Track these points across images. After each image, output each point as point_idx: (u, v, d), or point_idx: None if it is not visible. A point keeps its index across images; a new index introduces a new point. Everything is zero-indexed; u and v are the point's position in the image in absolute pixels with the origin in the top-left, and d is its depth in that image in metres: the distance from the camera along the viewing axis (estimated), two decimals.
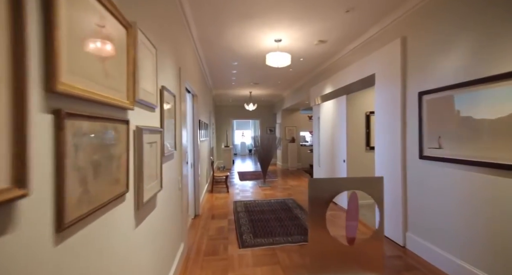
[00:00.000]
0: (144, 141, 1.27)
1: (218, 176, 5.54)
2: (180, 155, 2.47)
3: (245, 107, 7.95)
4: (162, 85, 1.73)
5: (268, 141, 6.06)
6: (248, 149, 15.07)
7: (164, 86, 1.75)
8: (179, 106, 2.42)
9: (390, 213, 2.85)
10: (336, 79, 4.28)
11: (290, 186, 6.01)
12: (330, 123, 4.56)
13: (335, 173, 4.40)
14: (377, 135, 3.13)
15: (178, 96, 2.39)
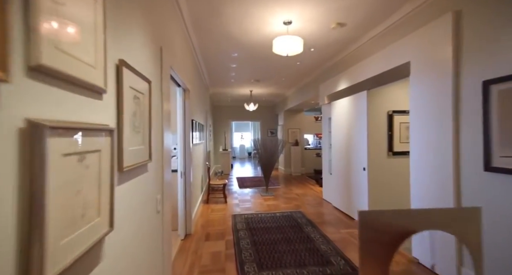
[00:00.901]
0: (55, 150, 0.62)
1: (215, 184, 4.87)
2: (161, 165, 1.81)
3: (245, 107, 7.32)
4: (121, 59, 1.09)
5: (271, 145, 5.41)
6: (248, 152, 14.42)
7: (125, 62, 1.11)
8: (159, 98, 1.78)
9: (437, 241, 2.20)
10: (353, 72, 3.66)
11: (295, 195, 5.35)
12: (345, 124, 3.93)
13: (351, 183, 3.75)
14: (413, 139, 2.50)
15: (158, 84, 1.75)
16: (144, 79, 1.40)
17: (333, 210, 4.21)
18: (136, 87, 1.28)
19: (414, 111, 2.48)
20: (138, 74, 1.31)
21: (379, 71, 3.01)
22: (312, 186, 6.35)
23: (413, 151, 2.50)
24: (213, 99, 8.86)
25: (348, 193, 3.83)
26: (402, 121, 3.66)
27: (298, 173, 8.17)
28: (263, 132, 10.20)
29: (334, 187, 4.37)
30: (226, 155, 8.41)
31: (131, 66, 1.19)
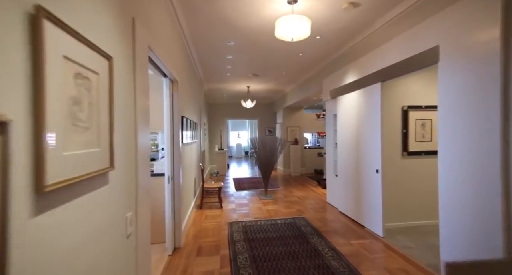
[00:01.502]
0: None
1: (210, 187, 4.44)
2: (133, 171, 1.38)
3: (242, 104, 6.88)
4: (40, 5, 0.65)
5: (271, 144, 4.99)
6: (245, 151, 14.00)
7: (48, 12, 0.67)
8: (130, 83, 1.34)
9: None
10: (364, 63, 3.26)
11: (297, 198, 4.95)
12: (354, 121, 3.53)
13: (360, 187, 3.36)
14: (442, 137, 2.11)
15: (128, 65, 1.31)
16: (99, 52, 0.97)
17: (339, 216, 3.83)
18: (82, 61, 0.85)
19: (444, 104, 2.08)
20: (86, 42, 0.87)
21: (396, 60, 2.61)
22: (314, 187, 5.96)
23: (442, 152, 2.12)
24: (208, 96, 8.41)
25: (357, 198, 3.44)
26: (418, 117, 3.28)
27: (297, 174, 7.79)
28: (260, 131, 9.78)
29: (340, 190, 3.98)
30: (222, 155, 7.98)
31: (67, 25, 0.76)
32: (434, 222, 3.33)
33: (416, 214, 3.31)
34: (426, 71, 3.29)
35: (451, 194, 2.03)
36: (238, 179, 7.15)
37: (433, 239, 2.87)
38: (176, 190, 2.83)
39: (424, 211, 3.31)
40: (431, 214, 3.33)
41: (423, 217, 3.31)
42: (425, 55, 2.25)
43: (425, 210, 3.31)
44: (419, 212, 3.31)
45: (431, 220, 3.32)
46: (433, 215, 3.34)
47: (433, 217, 3.33)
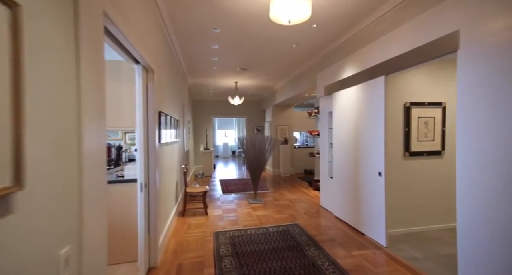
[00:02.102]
0: None
1: (194, 192, 4.00)
2: (76, 185, 0.96)
3: (230, 101, 6.46)
4: None
5: (261, 143, 4.63)
6: (232, 150, 13.56)
7: None
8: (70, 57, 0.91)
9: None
10: (364, 55, 2.97)
11: (288, 202, 4.63)
12: (352, 118, 3.24)
13: (360, 190, 3.08)
14: (461, 138, 1.84)
15: (66, 30, 0.88)
16: None
17: (335, 222, 3.54)
18: None
19: (464, 99, 1.81)
20: None
21: (404, 49, 2.33)
22: (305, 189, 5.68)
23: (461, 155, 1.84)
24: (193, 92, 7.89)
25: (356, 203, 3.16)
26: (420, 115, 3.05)
27: (287, 174, 7.50)
28: (248, 129, 9.40)
29: (335, 193, 3.70)
30: (207, 154, 7.51)
31: None
32: (436, 227, 3.12)
33: (417, 220, 3.08)
34: (428, 66, 3.06)
35: (471, 205, 1.76)
36: (225, 180, 6.73)
37: (439, 248, 2.64)
38: (152, 199, 2.39)
39: (425, 216, 3.10)
40: (432, 219, 3.12)
41: (424, 222, 3.09)
42: (441, 43, 1.98)
43: (427, 215, 3.10)
44: (420, 217, 3.09)
45: (432, 225, 3.11)
46: (435, 220, 3.14)
47: (435, 222, 3.13)
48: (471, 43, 1.75)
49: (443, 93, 3.11)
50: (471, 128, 1.76)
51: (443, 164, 3.13)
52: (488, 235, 1.65)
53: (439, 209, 3.12)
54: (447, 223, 3.15)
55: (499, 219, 1.59)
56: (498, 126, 1.59)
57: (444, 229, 3.12)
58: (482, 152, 1.69)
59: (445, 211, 3.14)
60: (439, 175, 3.12)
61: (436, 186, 3.12)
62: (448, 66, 3.12)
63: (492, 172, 1.62)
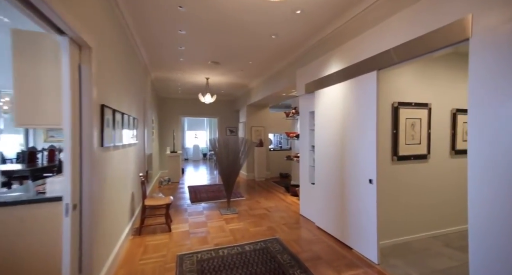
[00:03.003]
0: None
1: (154, 205, 3.32)
2: None
3: (200, 99, 5.83)
4: None
5: (235, 146, 4.12)
6: (203, 153, 12.77)
7: None
8: None
9: None
10: (355, 46, 2.67)
11: (265, 211, 4.19)
12: (338, 118, 2.93)
13: (346, 199, 2.76)
14: (473, 139, 1.57)
15: None
16: None
17: (318, 234, 3.19)
18: None
19: (477, 94, 1.54)
20: None
21: (402, 40, 2.05)
22: (282, 195, 5.31)
23: (473, 159, 1.57)
24: (158, 89, 7.06)
25: (342, 213, 2.84)
26: (408, 116, 2.85)
27: (262, 178, 7.08)
28: (221, 131, 8.80)
29: (317, 201, 3.36)
30: (175, 158, 6.74)
31: None
32: (421, 236, 2.94)
33: (403, 229, 2.87)
34: (415, 64, 2.88)
35: (486, 218, 1.49)
36: (194, 187, 6.06)
37: (433, 261, 2.41)
38: (86, 223, 1.74)
39: (411, 225, 2.89)
40: (418, 227, 2.93)
41: (410, 231, 2.89)
42: (448, 31, 1.71)
43: (412, 224, 2.90)
44: (406, 227, 2.88)
45: (418, 234, 2.92)
46: (420, 229, 2.95)
47: (420, 231, 2.94)
48: (485, 30, 1.49)
49: (429, 94, 2.97)
50: (484, 127, 1.49)
51: (429, 168, 2.97)
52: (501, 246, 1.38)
53: (425, 216, 2.95)
54: (433, 230, 2.99)
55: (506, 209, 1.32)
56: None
57: (430, 237, 2.95)
58: (496, 155, 1.43)
59: (430, 219, 2.98)
60: (425, 180, 2.95)
61: (422, 192, 2.94)
62: (433, 65, 2.98)
63: (509, 179, 1.36)
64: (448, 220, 3.08)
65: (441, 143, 3.04)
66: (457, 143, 3.10)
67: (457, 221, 3.13)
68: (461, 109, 3.11)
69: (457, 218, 3.13)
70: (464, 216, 3.23)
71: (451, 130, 3.08)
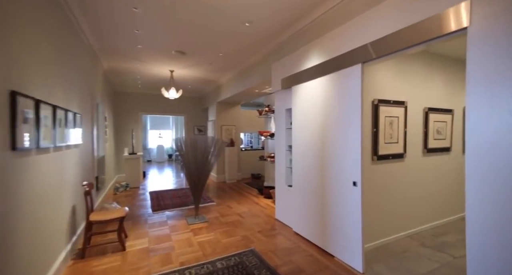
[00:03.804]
0: None
1: (102, 220, 2.71)
2: None
3: (164, 94, 5.20)
4: None
5: (205, 147, 3.67)
6: (168, 154, 11.85)
7: None
8: None
9: None
10: (336, 38, 2.46)
11: (238, 217, 3.83)
12: (318, 116, 2.71)
13: (327, 203, 2.56)
14: (472, 138, 1.44)
15: None
16: None
17: (297, 241, 2.94)
18: None
19: (478, 85, 1.41)
20: None
21: (391, 30, 1.88)
22: (255, 198, 5.01)
23: (472, 157, 1.44)
24: (114, 81, 6.18)
25: (322, 218, 2.63)
26: (387, 114, 2.76)
27: (233, 180, 6.70)
28: (188, 130, 8.16)
29: (295, 205, 3.12)
30: (134, 161, 5.96)
31: None
32: (398, 236, 2.89)
33: (382, 231, 2.78)
34: (392, 60, 2.81)
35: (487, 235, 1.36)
36: (157, 192, 5.40)
37: (415, 265, 2.33)
38: None
39: (387, 226, 2.83)
40: (394, 228, 2.88)
41: (388, 233, 2.82)
42: (442, 19, 1.56)
43: (389, 225, 2.83)
44: (384, 228, 2.80)
45: (395, 235, 2.87)
46: (396, 229, 2.91)
47: (396, 231, 2.90)
48: (486, 18, 1.36)
49: (405, 92, 2.93)
50: (484, 120, 1.36)
51: (405, 167, 2.94)
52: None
53: (401, 217, 2.92)
54: (408, 230, 2.98)
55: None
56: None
57: (406, 237, 2.93)
58: (494, 141, 1.30)
59: (405, 219, 2.95)
60: (401, 179, 2.91)
61: (398, 192, 2.90)
62: (408, 63, 2.96)
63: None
64: (421, 218, 3.11)
65: (416, 142, 3.05)
66: (429, 141, 3.14)
67: (428, 218, 3.18)
68: (433, 108, 3.16)
69: (428, 215, 3.18)
70: (435, 213, 3.34)
71: (424, 129, 3.11)
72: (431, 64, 3.16)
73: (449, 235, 2.96)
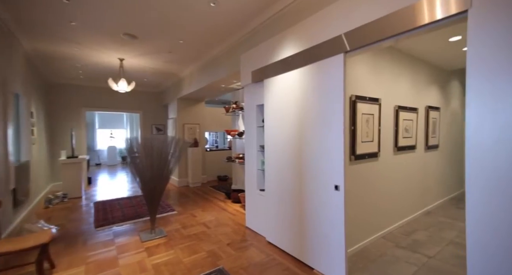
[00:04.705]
0: None
1: (12, 251, 1.98)
2: None
3: (112, 86, 4.39)
4: None
5: (163, 147, 3.11)
6: (121, 156, 10.54)
7: None
8: None
9: None
10: (314, 25, 2.20)
11: (204, 227, 3.36)
12: (295, 112, 2.43)
13: (305, 209, 2.29)
14: (472, 135, 1.28)
15: None
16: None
17: (271, 252, 2.63)
18: None
19: (480, 72, 1.25)
20: None
21: (378, 15, 1.67)
22: (223, 203, 4.57)
23: (474, 152, 1.29)
24: (44, 68, 5.05)
25: (300, 225, 2.36)
26: (364, 111, 2.62)
27: (198, 184, 6.13)
28: (145, 129, 7.27)
29: (269, 212, 2.81)
30: (75, 165, 4.96)
31: None
32: (373, 238, 2.80)
33: (360, 234, 2.65)
34: (366, 54, 2.69)
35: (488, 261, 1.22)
36: (105, 202, 4.55)
37: (394, 269, 2.21)
38: None
39: (366, 228, 2.71)
40: (368, 231, 2.78)
41: (363, 236, 2.70)
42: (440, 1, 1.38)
43: (367, 227, 2.72)
44: (362, 231, 2.67)
45: (369, 238, 2.77)
46: (371, 231, 2.82)
47: (371, 234, 2.80)
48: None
49: (379, 89, 2.85)
50: (487, 113, 1.21)
51: (378, 167, 2.86)
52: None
53: (375, 217, 2.84)
54: (381, 231, 2.91)
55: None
56: None
57: (380, 238, 2.85)
58: (499, 138, 1.16)
59: (379, 219, 2.88)
60: (375, 180, 2.83)
61: (372, 193, 2.81)
62: (380, 59, 2.88)
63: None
64: (392, 218, 3.09)
65: (388, 141, 3.00)
66: (399, 140, 3.14)
67: (398, 217, 3.19)
68: (402, 107, 3.17)
69: (398, 214, 3.18)
70: (403, 211, 3.39)
71: (394, 127, 3.09)
72: (400, 60, 3.16)
73: (418, 232, 2.98)
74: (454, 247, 2.60)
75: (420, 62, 3.54)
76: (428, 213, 3.66)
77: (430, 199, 3.81)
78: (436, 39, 2.84)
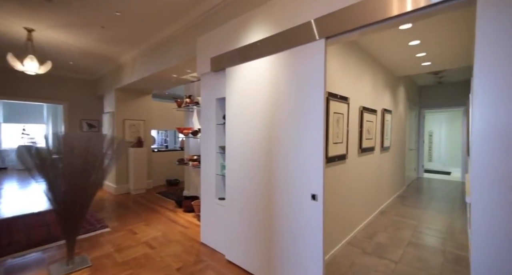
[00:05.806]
0: None
1: None
2: None
3: (14, 65, 3.23)
4: None
5: (90, 148, 2.33)
6: None
7: None
8: None
9: None
10: (286, 6, 1.85)
11: (147, 247, 2.69)
12: (264, 108, 2.05)
13: (274, 222, 1.94)
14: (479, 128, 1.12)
15: None
16: None
17: (232, 274, 2.19)
18: None
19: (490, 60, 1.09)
20: None
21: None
22: (172, 213, 3.90)
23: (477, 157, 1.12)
24: None
25: (269, 242, 2.00)
26: (335, 110, 2.43)
27: (142, 190, 5.21)
28: (72, 124, 5.88)
29: (230, 224, 2.36)
30: None
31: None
32: (340, 246, 2.65)
33: (330, 243, 2.45)
34: (338, 49, 2.52)
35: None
36: (2, 222, 3.34)
37: None
38: None
39: (333, 236, 2.53)
40: (338, 237, 2.63)
41: (334, 243, 2.53)
42: None
43: (334, 235, 2.55)
44: (331, 239, 2.48)
45: (337, 245, 2.61)
46: (340, 237, 2.67)
47: (340, 240, 2.65)
48: None
49: (347, 87, 2.72)
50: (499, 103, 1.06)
51: (345, 169, 2.74)
52: None
53: (340, 224, 2.70)
54: (346, 236, 2.80)
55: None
56: None
57: (347, 244, 2.73)
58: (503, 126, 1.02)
59: (344, 224, 2.76)
60: (342, 183, 2.69)
61: (340, 197, 2.66)
62: (348, 55, 2.77)
63: None
64: (355, 221, 3.03)
65: (354, 142, 2.92)
66: (363, 141, 3.10)
67: (359, 220, 3.15)
68: (366, 108, 3.14)
69: (359, 217, 3.15)
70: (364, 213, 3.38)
71: (359, 128, 3.04)
72: (364, 60, 3.14)
73: (378, 234, 2.98)
74: (414, 249, 2.64)
75: (379, 64, 3.63)
76: (382, 212, 3.79)
77: (383, 199, 3.97)
78: (397, 41, 2.88)
